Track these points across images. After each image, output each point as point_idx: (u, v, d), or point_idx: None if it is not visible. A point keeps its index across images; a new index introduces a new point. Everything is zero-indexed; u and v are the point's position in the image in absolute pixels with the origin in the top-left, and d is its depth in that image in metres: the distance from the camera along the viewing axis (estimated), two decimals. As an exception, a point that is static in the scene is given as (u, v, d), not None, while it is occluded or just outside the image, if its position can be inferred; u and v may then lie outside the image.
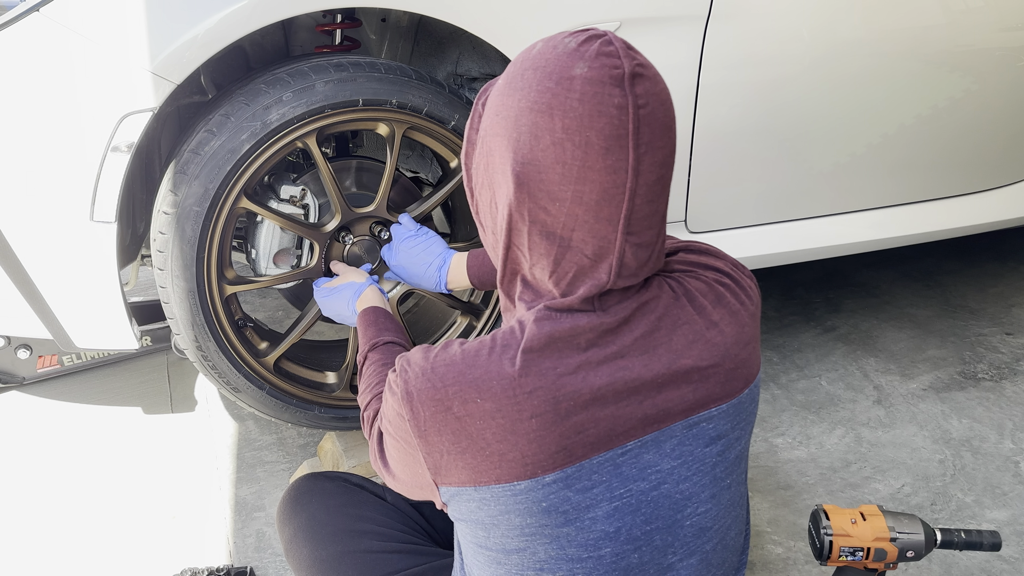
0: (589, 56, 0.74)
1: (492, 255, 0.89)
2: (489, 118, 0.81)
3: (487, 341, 0.82)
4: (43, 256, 1.37)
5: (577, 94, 0.74)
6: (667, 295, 0.84)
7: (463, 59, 1.74)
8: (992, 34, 1.85)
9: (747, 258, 1.85)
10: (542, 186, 0.76)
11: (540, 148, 0.75)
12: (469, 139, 0.87)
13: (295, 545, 1.16)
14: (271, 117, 1.36)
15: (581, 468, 0.80)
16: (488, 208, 0.85)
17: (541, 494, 0.79)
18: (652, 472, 0.82)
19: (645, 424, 0.81)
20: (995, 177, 2.08)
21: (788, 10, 1.63)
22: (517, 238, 0.81)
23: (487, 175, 0.83)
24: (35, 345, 1.97)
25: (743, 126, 1.71)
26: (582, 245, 0.78)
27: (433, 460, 0.82)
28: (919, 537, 1.12)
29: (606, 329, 0.80)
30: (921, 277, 2.64)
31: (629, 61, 0.75)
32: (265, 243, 1.52)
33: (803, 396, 2.04)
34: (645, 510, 0.83)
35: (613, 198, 0.76)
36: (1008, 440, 1.87)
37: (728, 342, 0.85)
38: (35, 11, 1.24)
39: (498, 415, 0.78)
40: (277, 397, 1.57)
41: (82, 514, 1.66)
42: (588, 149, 0.74)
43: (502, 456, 0.79)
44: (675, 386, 0.82)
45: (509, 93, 0.78)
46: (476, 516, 0.83)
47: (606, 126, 0.74)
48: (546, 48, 0.78)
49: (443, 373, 0.80)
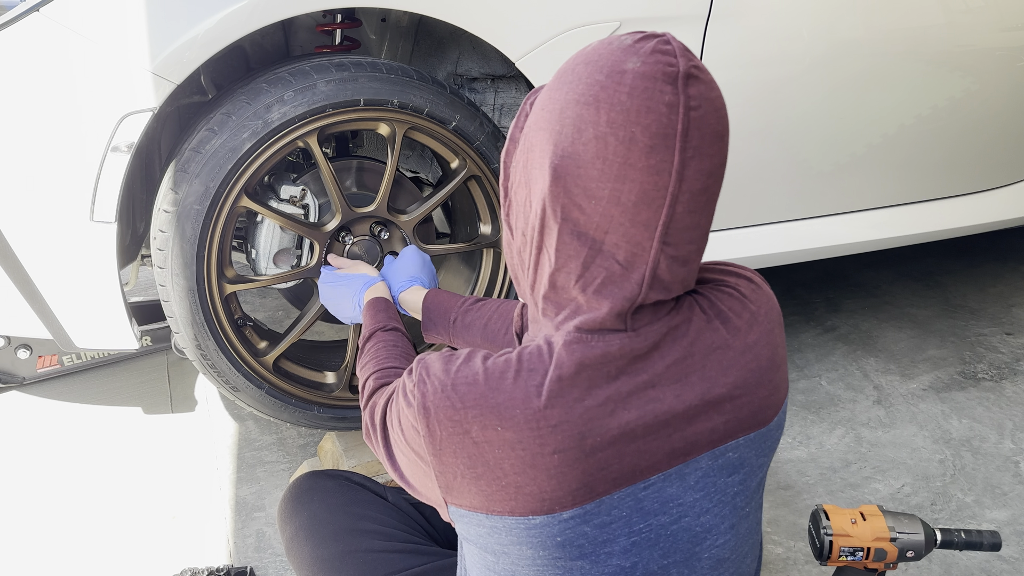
0: (644, 52, 0.71)
1: (516, 264, 0.84)
2: (535, 114, 0.78)
3: (512, 361, 0.77)
4: (43, 256, 1.37)
5: (627, 88, 0.70)
6: (699, 317, 0.80)
7: (463, 59, 1.74)
8: (992, 34, 1.85)
9: (747, 258, 1.85)
10: (579, 181, 0.72)
11: (582, 141, 0.72)
12: (512, 137, 0.83)
13: (296, 544, 1.15)
14: (272, 116, 1.36)
15: (601, 504, 0.76)
16: (522, 208, 0.80)
17: (557, 529, 0.76)
18: (674, 506, 0.79)
19: (671, 458, 0.77)
20: (995, 177, 2.08)
21: (788, 10, 1.63)
22: (548, 238, 0.76)
23: (525, 172, 0.79)
24: (35, 345, 1.97)
25: (743, 126, 1.71)
26: (614, 249, 0.74)
27: (446, 480, 0.78)
28: (919, 537, 1.12)
29: (637, 355, 0.76)
30: (921, 277, 2.64)
31: (685, 61, 0.71)
32: (265, 242, 1.52)
33: (803, 396, 2.04)
34: (664, 544, 0.80)
35: (653, 201, 0.71)
36: (1008, 440, 1.87)
37: (764, 366, 0.81)
38: (35, 11, 1.24)
39: (518, 446, 0.74)
40: (276, 397, 1.57)
41: (82, 514, 1.66)
42: (632, 145, 0.70)
43: (519, 488, 0.75)
44: (707, 417, 0.78)
45: (557, 87, 0.75)
46: (485, 542, 0.80)
47: (653, 123, 0.70)
48: (601, 45, 0.74)
49: (464, 393, 0.76)
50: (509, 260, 0.86)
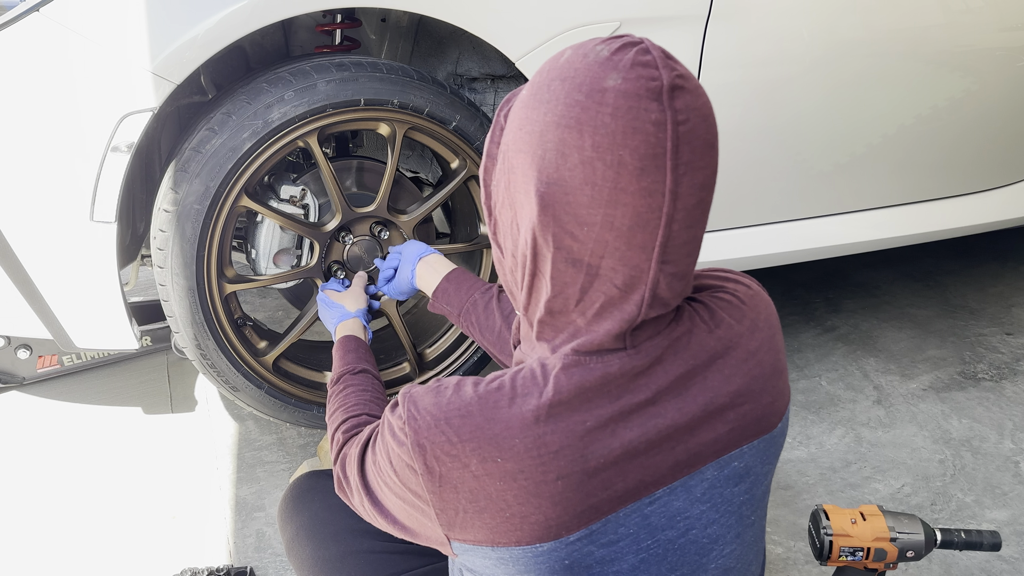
0: (624, 66, 0.67)
1: (509, 280, 0.81)
2: (512, 132, 0.74)
3: (506, 386, 0.75)
4: (43, 256, 1.37)
5: (610, 108, 0.66)
6: (700, 328, 0.78)
7: (463, 59, 1.74)
8: (992, 34, 1.85)
9: (747, 258, 1.85)
10: (569, 209, 0.69)
11: (567, 167, 0.68)
12: (489, 153, 0.80)
13: (297, 544, 1.15)
14: (273, 116, 1.36)
15: (607, 523, 0.74)
16: (509, 229, 0.77)
17: (564, 553, 0.74)
18: (681, 519, 0.78)
19: (676, 470, 0.76)
20: (995, 177, 2.08)
21: (788, 10, 1.63)
22: (542, 264, 0.74)
23: (508, 194, 0.76)
24: (35, 345, 1.97)
25: (743, 126, 1.71)
26: (611, 274, 0.71)
27: (447, 517, 0.76)
28: (919, 537, 1.12)
29: (638, 372, 0.74)
30: (921, 277, 2.64)
31: (668, 72, 0.67)
32: (265, 242, 1.52)
33: (803, 396, 2.04)
34: (671, 558, 0.78)
35: (648, 223, 0.68)
36: (1008, 440, 1.87)
37: (767, 373, 0.80)
38: (35, 11, 1.24)
39: (520, 476, 0.72)
40: (276, 396, 1.57)
41: (82, 514, 1.66)
42: (621, 169, 0.67)
43: (524, 519, 0.73)
44: (710, 426, 0.77)
45: (534, 106, 0.71)
46: (490, 572, 0.79)
47: (641, 144, 0.66)
48: (575, 56, 0.70)
49: (459, 426, 0.73)
50: (501, 276, 0.84)
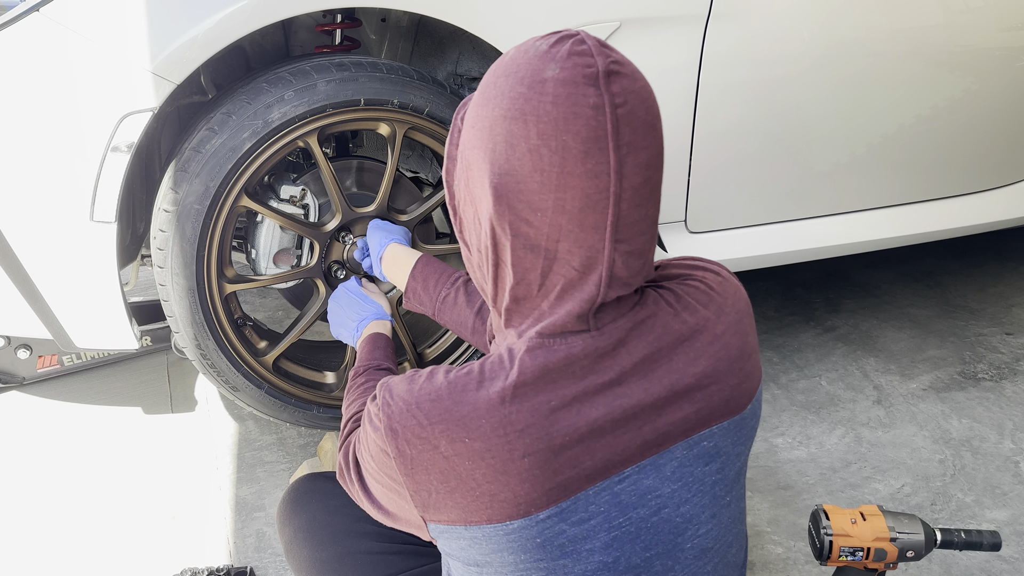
0: (560, 57, 0.71)
1: (478, 275, 0.84)
2: (467, 131, 0.78)
3: (474, 371, 0.78)
4: (43, 256, 1.37)
5: (550, 97, 0.70)
6: (664, 311, 0.80)
7: (463, 59, 1.74)
8: (992, 34, 1.85)
9: (747, 258, 1.85)
10: (521, 197, 0.73)
11: (516, 157, 0.72)
12: (449, 155, 0.84)
13: (295, 546, 1.15)
14: (273, 116, 1.36)
15: (576, 500, 0.76)
16: (472, 225, 0.81)
17: (535, 531, 0.76)
18: (652, 498, 0.79)
19: (644, 449, 0.78)
20: (995, 177, 2.08)
21: (788, 10, 1.63)
22: (502, 253, 0.77)
23: (468, 191, 0.79)
24: (35, 345, 1.97)
25: (743, 126, 1.71)
26: (569, 257, 0.74)
27: (421, 498, 0.79)
28: (919, 537, 1.12)
29: (602, 353, 0.77)
30: (921, 277, 2.64)
31: (603, 59, 0.71)
32: (265, 242, 1.52)
33: (803, 396, 2.04)
34: (645, 537, 0.80)
35: (597, 204, 0.72)
36: (1008, 440, 1.87)
37: (733, 355, 0.82)
38: (35, 11, 1.24)
39: (488, 455, 0.74)
40: (276, 396, 1.57)
41: (82, 514, 1.66)
42: (566, 154, 0.71)
43: (493, 496, 0.75)
44: (677, 407, 0.79)
45: (483, 103, 0.75)
46: (467, 554, 0.80)
47: (582, 128, 0.70)
48: (518, 53, 0.75)
49: (428, 409, 0.76)
50: (471, 273, 0.86)
